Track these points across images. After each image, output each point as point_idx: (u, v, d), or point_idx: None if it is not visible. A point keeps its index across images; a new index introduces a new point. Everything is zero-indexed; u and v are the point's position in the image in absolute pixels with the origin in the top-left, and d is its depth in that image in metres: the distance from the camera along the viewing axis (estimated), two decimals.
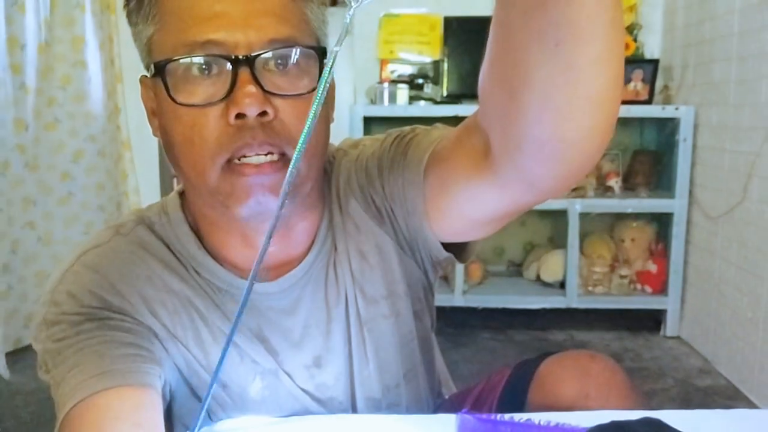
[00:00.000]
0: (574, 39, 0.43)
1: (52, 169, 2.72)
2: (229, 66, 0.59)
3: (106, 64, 2.86)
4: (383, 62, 2.88)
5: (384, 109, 2.67)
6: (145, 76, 0.68)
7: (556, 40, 0.43)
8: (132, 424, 0.60)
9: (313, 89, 0.62)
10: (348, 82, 2.82)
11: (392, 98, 2.70)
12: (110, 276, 0.69)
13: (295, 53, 0.62)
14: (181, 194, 0.75)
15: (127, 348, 0.65)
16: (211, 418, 0.76)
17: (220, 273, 0.72)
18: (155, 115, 0.68)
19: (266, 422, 0.75)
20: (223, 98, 0.59)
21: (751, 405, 2.07)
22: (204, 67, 0.60)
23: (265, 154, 0.61)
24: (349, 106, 2.68)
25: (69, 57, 2.74)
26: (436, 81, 2.84)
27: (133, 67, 2.87)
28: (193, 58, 0.60)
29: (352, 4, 0.27)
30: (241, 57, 0.59)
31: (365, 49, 2.90)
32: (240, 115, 0.59)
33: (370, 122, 2.64)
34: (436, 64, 2.86)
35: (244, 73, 0.59)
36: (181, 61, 0.60)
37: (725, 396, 2.16)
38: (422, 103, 2.77)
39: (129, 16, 0.66)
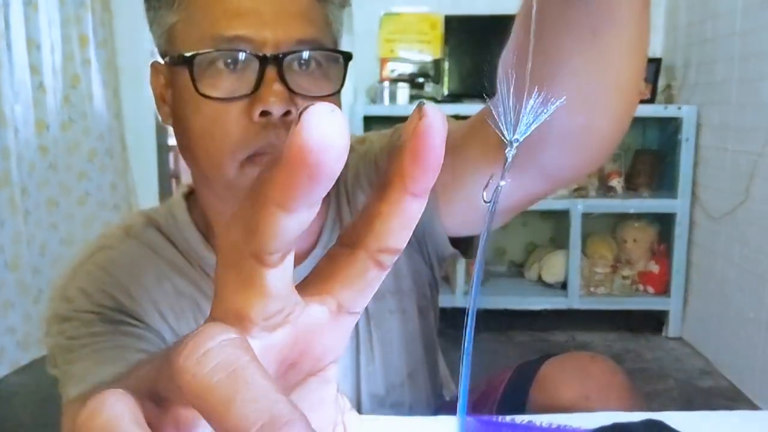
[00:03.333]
0: (611, 27, 0.45)
1: (70, 169, 2.72)
2: (256, 63, 0.59)
3: (109, 63, 2.86)
4: (383, 61, 2.87)
5: (384, 109, 2.67)
6: (158, 62, 0.67)
7: (593, 28, 0.45)
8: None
9: (336, 92, 0.64)
10: (348, 81, 2.81)
11: (393, 97, 2.70)
12: (122, 277, 0.70)
13: (321, 55, 0.62)
14: (186, 197, 0.75)
15: (140, 354, 0.65)
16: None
17: None
18: (165, 101, 0.68)
19: None
20: (248, 94, 0.60)
21: (752, 406, 2.06)
22: (230, 61, 0.60)
23: None
24: (350, 105, 2.67)
25: (77, 56, 2.75)
26: (437, 80, 2.83)
27: (128, 69, 2.88)
28: (224, 53, 0.60)
29: (513, 143, 0.27)
30: (269, 55, 0.59)
31: (365, 48, 2.89)
32: (264, 113, 0.59)
33: (370, 121, 2.63)
34: (437, 63, 2.84)
35: (271, 71, 0.59)
36: (213, 54, 0.60)
37: (727, 397, 2.15)
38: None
39: (149, 1, 0.66)
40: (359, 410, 0.79)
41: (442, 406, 0.91)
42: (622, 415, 0.65)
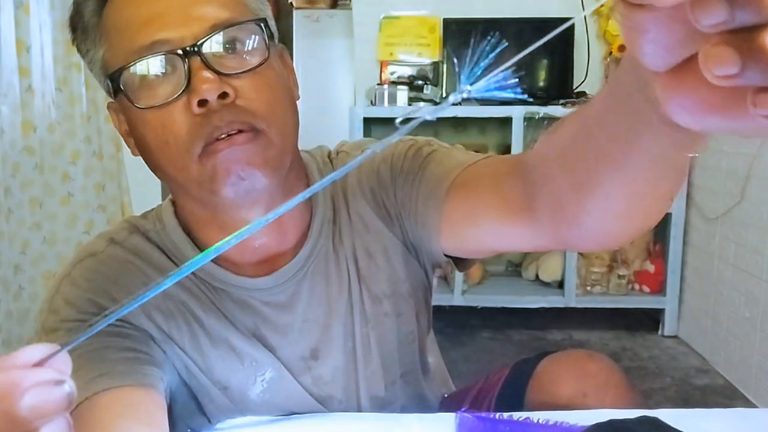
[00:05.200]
0: (633, 160, 0.45)
1: (55, 171, 2.74)
2: (181, 61, 0.60)
3: None
4: (383, 64, 2.88)
5: (384, 111, 2.68)
6: (111, 101, 0.69)
7: (614, 157, 0.45)
8: (134, 420, 0.62)
9: (265, 61, 0.64)
10: (348, 83, 2.83)
11: (392, 100, 2.71)
12: (107, 284, 0.70)
13: (239, 32, 0.63)
14: (174, 202, 0.76)
15: (125, 352, 0.66)
16: (210, 421, 0.77)
17: (215, 272, 0.72)
18: (130, 135, 0.69)
19: (266, 422, 0.76)
20: (183, 91, 0.61)
21: (748, 404, 2.07)
22: (158, 67, 0.61)
23: (236, 133, 0.62)
24: (349, 107, 2.69)
25: (63, 59, 2.76)
26: (436, 82, 2.84)
27: None
28: (143, 60, 0.61)
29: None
30: (188, 48, 0.60)
31: (365, 50, 2.90)
32: (202, 102, 0.60)
33: (369, 123, 2.65)
34: (436, 66, 2.86)
35: (195, 62, 0.60)
36: (133, 66, 0.61)
37: (723, 395, 2.17)
38: (422, 104, 2.77)
39: (79, 48, 0.68)
40: (359, 411, 0.80)
41: (441, 404, 0.92)
42: (618, 413, 0.66)
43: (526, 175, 0.61)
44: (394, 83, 2.80)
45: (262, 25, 0.65)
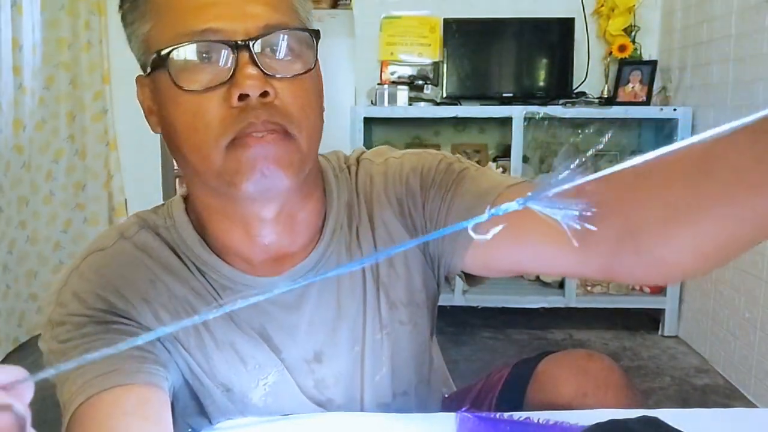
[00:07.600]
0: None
1: (40, 169, 2.75)
2: (229, 52, 0.61)
3: (93, 66, 2.86)
4: (384, 64, 2.89)
5: (384, 110, 2.69)
6: (141, 75, 0.69)
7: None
8: (140, 418, 0.62)
9: (308, 71, 0.65)
10: (349, 83, 2.83)
11: (392, 99, 2.71)
12: (114, 279, 0.70)
13: (289, 37, 0.63)
14: (185, 198, 0.76)
15: (132, 350, 0.66)
16: (211, 422, 0.77)
17: (224, 270, 0.72)
18: (152, 113, 0.69)
19: (266, 422, 0.76)
20: (225, 82, 0.61)
21: (748, 404, 2.08)
22: (204, 54, 0.61)
23: (269, 132, 0.62)
24: (350, 107, 2.69)
25: (53, 58, 2.76)
26: (436, 82, 2.85)
27: (121, 70, 2.86)
28: (193, 44, 0.61)
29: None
30: (240, 42, 0.60)
31: (366, 50, 2.91)
32: (242, 97, 0.60)
33: (370, 123, 2.65)
34: (436, 66, 2.87)
35: (244, 56, 0.60)
36: (184, 47, 0.61)
37: (723, 395, 2.17)
38: (422, 104, 2.78)
39: (124, 17, 0.68)
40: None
41: (441, 403, 0.93)
42: (618, 413, 0.66)
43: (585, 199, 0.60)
44: (395, 83, 2.81)
45: (314, 36, 0.66)
